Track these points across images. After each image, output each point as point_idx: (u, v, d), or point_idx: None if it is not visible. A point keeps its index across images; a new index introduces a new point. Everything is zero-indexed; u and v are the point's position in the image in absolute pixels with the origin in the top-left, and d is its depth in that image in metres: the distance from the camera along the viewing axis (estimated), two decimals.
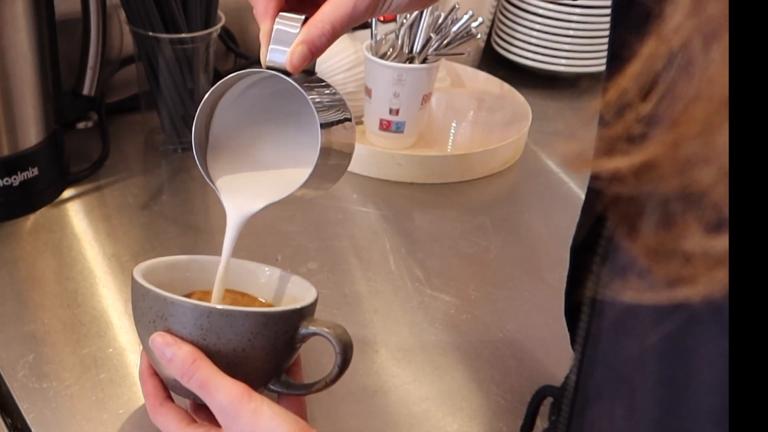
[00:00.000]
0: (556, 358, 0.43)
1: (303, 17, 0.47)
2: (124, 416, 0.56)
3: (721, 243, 0.24)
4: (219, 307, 0.47)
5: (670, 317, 0.29)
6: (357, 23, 0.47)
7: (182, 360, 0.46)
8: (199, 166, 0.52)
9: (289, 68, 0.47)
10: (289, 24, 0.47)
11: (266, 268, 0.58)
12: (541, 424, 0.54)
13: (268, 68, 0.48)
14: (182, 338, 0.47)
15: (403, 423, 0.58)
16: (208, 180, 0.52)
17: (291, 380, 0.53)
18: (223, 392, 0.45)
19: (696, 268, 0.25)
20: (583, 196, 0.47)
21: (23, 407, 0.56)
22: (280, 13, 0.47)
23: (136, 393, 0.58)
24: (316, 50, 0.46)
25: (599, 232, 0.40)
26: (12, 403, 0.57)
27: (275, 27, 0.47)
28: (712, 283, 0.25)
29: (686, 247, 0.25)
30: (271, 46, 0.47)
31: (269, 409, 0.44)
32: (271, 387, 0.52)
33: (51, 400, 0.57)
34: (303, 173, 0.49)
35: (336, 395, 0.59)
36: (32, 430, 0.54)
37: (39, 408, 0.56)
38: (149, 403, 0.49)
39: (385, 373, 0.63)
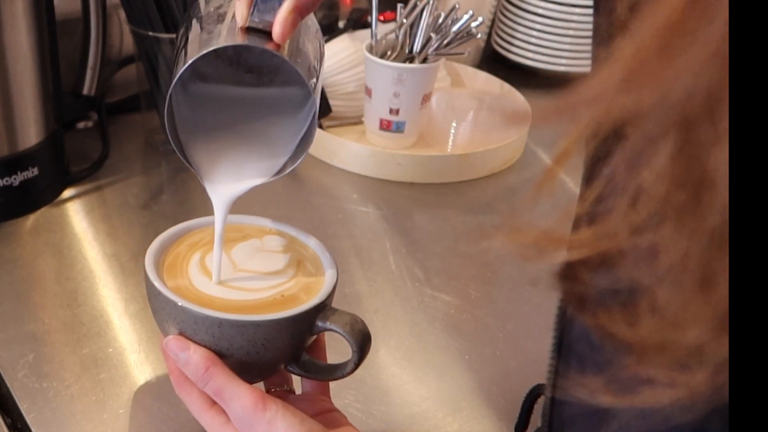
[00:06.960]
0: None
1: None
2: (124, 416, 0.56)
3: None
4: (230, 317, 0.45)
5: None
6: None
7: (196, 366, 0.45)
8: (177, 151, 0.49)
9: (277, 40, 0.44)
10: None
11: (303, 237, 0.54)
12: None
13: (249, 29, 0.44)
14: (195, 341, 0.46)
15: (403, 423, 0.58)
16: (187, 163, 0.49)
17: (312, 360, 0.51)
18: (238, 402, 0.44)
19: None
20: None
21: (23, 407, 0.56)
22: None
23: (137, 393, 0.58)
24: (306, 12, 0.44)
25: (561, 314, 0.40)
26: (12, 403, 0.57)
27: None
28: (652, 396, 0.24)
29: (627, 337, 0.24)
30: (253, 11, 0.44)
31: (283, 421, 0.44)
32: (290, 369, 0.51)
33: (51, 400, 0.57)
34: (294, 133, 0.47)
35: (336, 395, 0.59)
36: (32, 430, 0.54)
37: (39, 408, 0.56)
38: (173, 378, 0.48)
39: (385, 373, 0.62)
